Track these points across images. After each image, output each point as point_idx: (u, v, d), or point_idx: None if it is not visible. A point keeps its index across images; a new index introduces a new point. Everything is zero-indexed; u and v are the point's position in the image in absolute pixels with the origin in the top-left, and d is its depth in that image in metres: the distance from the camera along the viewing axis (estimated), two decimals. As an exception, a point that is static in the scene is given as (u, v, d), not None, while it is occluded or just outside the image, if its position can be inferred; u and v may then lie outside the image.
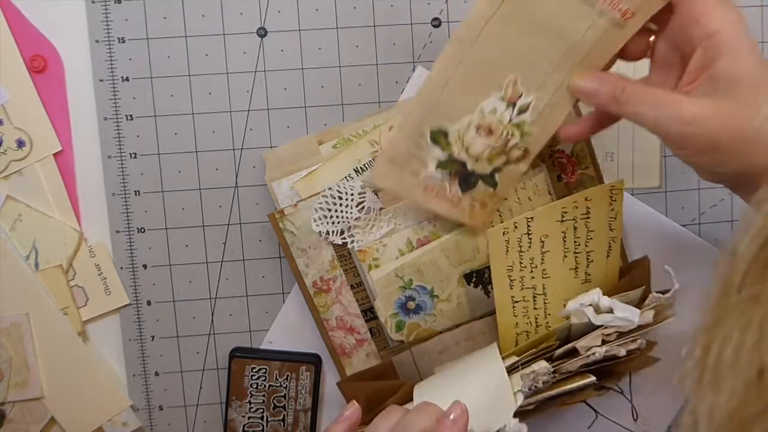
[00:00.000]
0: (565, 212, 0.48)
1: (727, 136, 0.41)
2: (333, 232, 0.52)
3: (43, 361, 0.55)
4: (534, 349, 0.48)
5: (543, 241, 0.48)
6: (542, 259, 0.48)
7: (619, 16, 0.44)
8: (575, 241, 0.49)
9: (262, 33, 0.54)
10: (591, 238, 0.49)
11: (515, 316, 0.49)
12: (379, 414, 0.45)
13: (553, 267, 0.49)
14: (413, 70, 0.55)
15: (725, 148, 0.41)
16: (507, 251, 0.47)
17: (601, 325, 0.47)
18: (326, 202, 0.52)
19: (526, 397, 0.45)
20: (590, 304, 0.48)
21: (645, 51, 0.47)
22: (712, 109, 0.41)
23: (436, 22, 0.55)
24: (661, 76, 0.46)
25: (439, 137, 0.47)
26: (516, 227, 0.47)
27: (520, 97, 0.46)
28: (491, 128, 0.47)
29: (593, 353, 0.46)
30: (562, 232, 0.48)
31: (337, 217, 0.52)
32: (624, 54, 0.47)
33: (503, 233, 0.47)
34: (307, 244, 0.53)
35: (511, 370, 0.47)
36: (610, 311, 0.47)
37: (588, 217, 0.49)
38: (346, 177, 0.53)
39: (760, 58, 0.42)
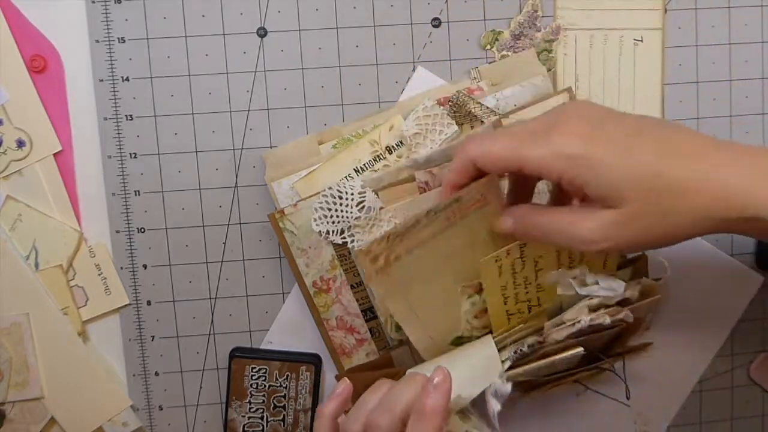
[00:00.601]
0: None
1: (656, 233, 0.39)
2: (333, 231, 0.52)
3: (43, 361, 0.55)
4: (523, 325, 0.48)
5: (537, 261, 0.47)
6: (536, 276, 0.48)
7: (477, 202, 0.44)
8: (569, 257, 0.48)
9: (262, 33, 0.54)
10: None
11: (511, 325, 0.50)
12: (368, 389, 0.45)
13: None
14: (413, 70, 0.55)
15: (664, 241, 0.39)
16: (500, 274, 0.47)
17: (587, 296, 0.47)
18: (326, 202, 0.52)
19: (513, 362, 0.46)
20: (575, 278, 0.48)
21: (537, 179, 0.46)
22: (616, 220, 0.39)
23: (436, 22, 0.55)
24: None
25: (456, 341, 0.50)
26: (508, 254, 0.46)
27: (480, 284, 0.48)
28: (484, 310, 0.49)
29: (578, 321, 0.46)
30: (556, 251, 0.48)
31: (337, 216, 0.52)
32: (529, 182, 0.47)
33: (495, 261, 0.46)
34: (307, 244, 0.53)
35: (501, 348, 0.48)
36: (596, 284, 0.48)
37: None
38: (346, 177, 0.53)
39: (624, 153, 0.38)
